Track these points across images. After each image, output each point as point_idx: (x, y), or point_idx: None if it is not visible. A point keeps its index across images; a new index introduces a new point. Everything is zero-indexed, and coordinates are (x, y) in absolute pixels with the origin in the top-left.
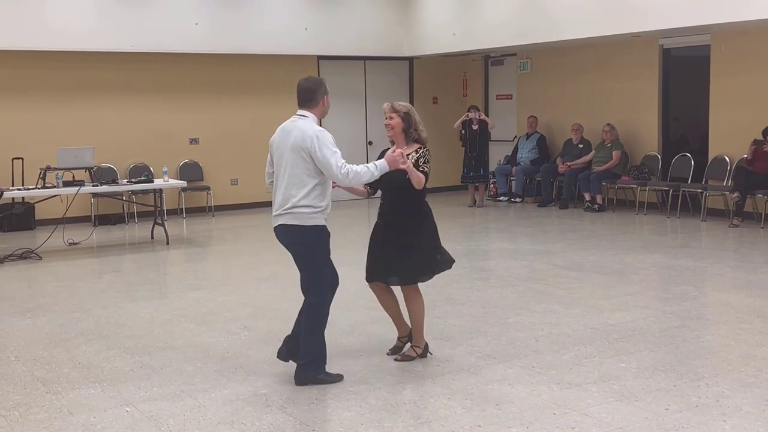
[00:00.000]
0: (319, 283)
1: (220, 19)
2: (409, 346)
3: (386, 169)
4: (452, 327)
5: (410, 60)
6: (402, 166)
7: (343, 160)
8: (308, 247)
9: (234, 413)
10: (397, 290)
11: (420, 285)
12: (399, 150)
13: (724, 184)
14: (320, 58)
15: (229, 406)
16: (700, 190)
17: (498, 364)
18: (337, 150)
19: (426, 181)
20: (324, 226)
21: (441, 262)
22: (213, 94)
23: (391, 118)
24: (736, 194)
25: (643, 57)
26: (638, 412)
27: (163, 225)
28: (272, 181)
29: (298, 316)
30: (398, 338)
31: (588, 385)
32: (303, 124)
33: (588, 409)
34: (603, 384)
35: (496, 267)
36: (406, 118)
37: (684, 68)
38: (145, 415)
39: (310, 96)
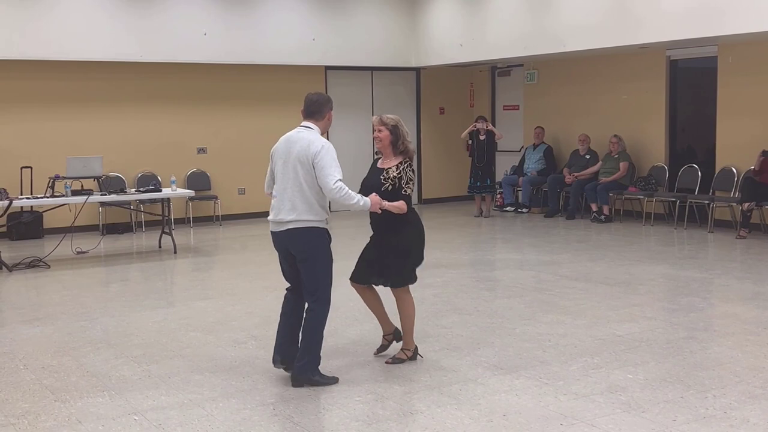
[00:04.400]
0: (324, 285)
1: (228, 29)
2: (400, 350)
3: (368, 208)
4: (459, 337)
5: (417, 71)
6: (378, 210)
7: (341, 178)
8: (314, 249)
9: (241, 422)
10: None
11: (426, 293)
12: (377, 198)
13: (732, 195)
14: (328, 68)
15: (236, 415)
16: (707, 202)
17: (505, 374)
18: (339, 166)
19: (411, 192)
20: (326, 230)
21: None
22: (221, 104)
23: (380, 130)
24: (749, 203)
25: (650, 68)
26: (645, 423)
27: (170, 234)
28: (272, 191)
29: (282, 322)
30: (383, 336)
31: (595, 396)
32: (309, 135)
33: (595, 420)
34: (610, 395)
35: (502, 277)
36: (394, 131)
37: (691, 79)
38: (153, 423)
39: (317, 108)
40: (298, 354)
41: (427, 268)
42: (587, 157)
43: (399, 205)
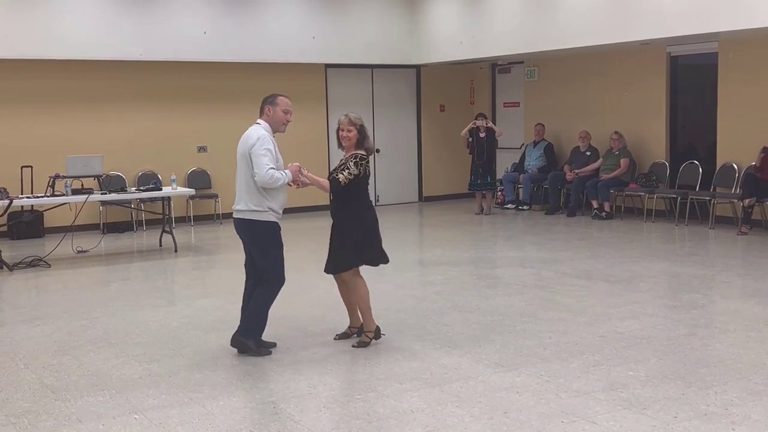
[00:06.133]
0: (274, 267)
1: (228, 27)
2: (363, 333)
3: (290, 178)
4: (460, 335)
5: (417, 68)
6: (298, 181)
7: (272, 165)
8: (262, 239)
9: (242, 421)
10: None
11: (427, 290)
12: (297, 166)
13: (732, 191)
14: (328, 66)
15: (237, 413)
16: (708, 198)
17: (506, 372)
18: (271, 155)
19: (355, 181)
20: (275, 222)
21: (370, 256)
22: (221, 103)
23: (350, 131)
24: (750, 199)
25: (651, 65)
26: (646, 420)
27: (171, 233)
28: None
29: (244, 304)
30: (348, 327)
31: (596, 393)
32: (252, 131)
33: (596, 417)
34: (611, 392)
35: (503, 275)
36: (362, 130)
37: (692, 76)
38: (154, 422)
39: (260, 107)
40: (242, 321)
41: (428, 265)
42: (588, 153)
43: (321, 181)
